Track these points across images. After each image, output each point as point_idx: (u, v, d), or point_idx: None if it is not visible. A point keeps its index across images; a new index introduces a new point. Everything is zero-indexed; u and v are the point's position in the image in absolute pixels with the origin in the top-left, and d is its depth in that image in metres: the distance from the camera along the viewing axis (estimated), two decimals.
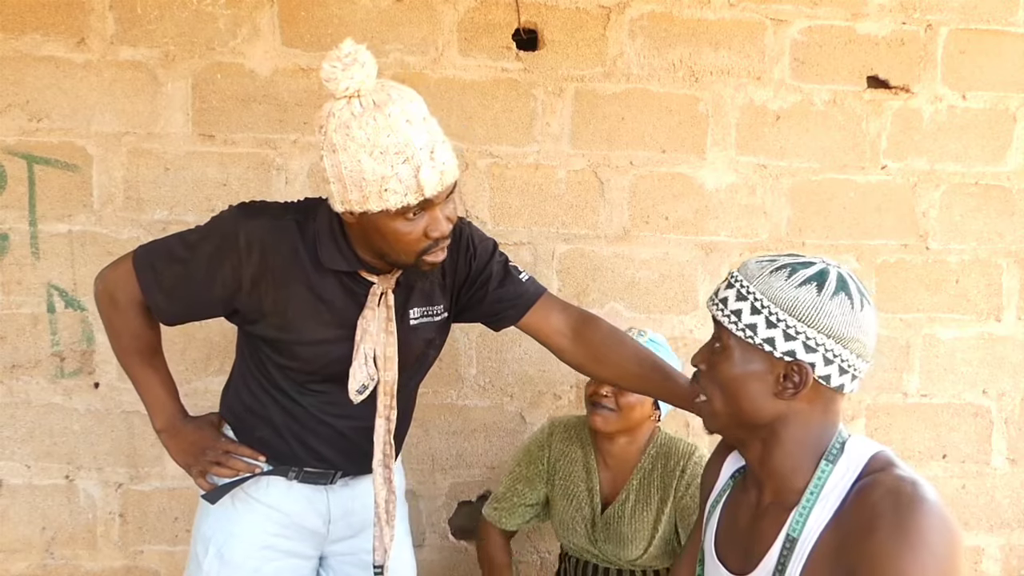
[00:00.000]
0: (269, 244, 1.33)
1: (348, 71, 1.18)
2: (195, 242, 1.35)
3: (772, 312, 1.03)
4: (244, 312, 1.37)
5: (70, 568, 2.12)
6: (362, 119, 1.18)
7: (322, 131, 1.22)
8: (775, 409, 1.06)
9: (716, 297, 1.12)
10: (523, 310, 1.52)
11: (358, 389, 1.37)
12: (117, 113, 2.02)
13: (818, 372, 1.03)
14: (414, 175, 1.19)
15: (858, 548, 0.95)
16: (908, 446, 2.31)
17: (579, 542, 1.81)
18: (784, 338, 1.03)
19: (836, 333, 1.02)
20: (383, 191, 1.19)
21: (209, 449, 1.45)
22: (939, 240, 2.28)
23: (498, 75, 2.12)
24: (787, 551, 1.03)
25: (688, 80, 2.17)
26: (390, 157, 1.18)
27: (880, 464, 1.03)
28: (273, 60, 2.05)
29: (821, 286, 1.03)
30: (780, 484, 1.09)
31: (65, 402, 2.08)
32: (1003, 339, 2.33)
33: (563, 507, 1.83)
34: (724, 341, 1.09)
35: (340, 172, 1.20)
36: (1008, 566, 2.39)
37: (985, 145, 2.27)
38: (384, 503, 1.42)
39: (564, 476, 1.84)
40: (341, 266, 1.34)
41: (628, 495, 1.78)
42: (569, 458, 1.84)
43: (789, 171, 2.22)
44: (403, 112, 1.20)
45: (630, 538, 1.76)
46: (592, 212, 2.18)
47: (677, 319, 2.24)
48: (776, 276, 1.05)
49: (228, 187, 2.06)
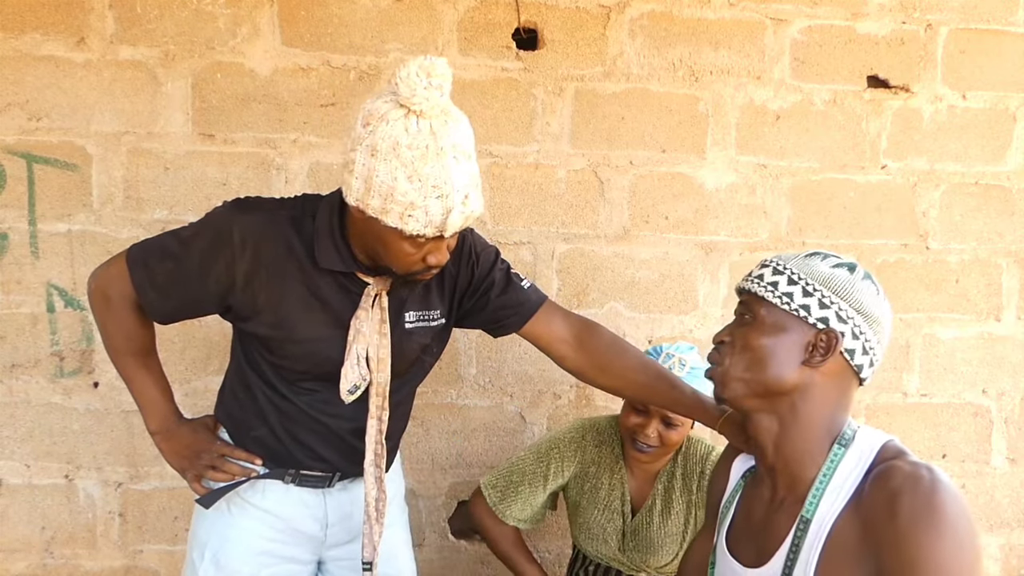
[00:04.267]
0: (263, 239, 1.31)
1: (430, 92, 1.13)
2: (188, 238, 1.34)
3: (809, 283, 1.10)
4: (237, 309, 1.36)
5: (70, 568, 2.12)
6: (415, 140, 1.14)
7: (367, 128, 1.17)
8: (798, 378, 1.09)
9: (750, 276, 1.17)
10: (525, 318, 1.51)
11: (349, 389, 1.36)
12: (117, 112, 2.02)
13: (846, 344, 1.09)
14: (443, 214, 1.17)
15: (882, 532, 0.97)
16: (908, 446, 2.23)
17: (607, 551, 1.78)
18: (819, 306, 1.09)
19: (865, 311, 1.09)
20: (406, 215, 1.17)
21: (204, 452, 1.44)
22: (939, 240, 2.28)
23: (498, 74, 2.11)
24: (800, 532, 1.05)
25: (688, 80, 2.17)
26: (427, 188, 1.15)
27: (892, 453, 1.06)
28: (273, 60, 2.05)
29: (852, 270, 1.13)
30: (793, 472, 1.11)
31: (65, 402, 2.08)
32: (1003, 339, 2.33)
33: (593, 515, 1.78)
34: (756, 313, 1.13)
35: (371, 176, 1.17)
36: (1008, 566, 2.39)
37: (985, 145, 2.27)
38: (375, 501, 1.41)
39: (596, 485, 1.79)
40: (337, 266, 1.33)
41: (655, 501, 1.75)
42: (602, 466, 1.79)
43: (789, 171, 2.22)
44: (454, 148, 1.17)
45: (659, 545, 1.73)
46: (592, 212, 2.17)
47: (677, 319, 2.23)
48: (811, 259, 1.14)
49: (228, 187, 2.06)
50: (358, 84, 2.07)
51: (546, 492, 1.80)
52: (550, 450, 1.80)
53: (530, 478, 1.79)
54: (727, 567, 1.17)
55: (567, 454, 1.79)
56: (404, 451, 2.18)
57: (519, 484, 1.79)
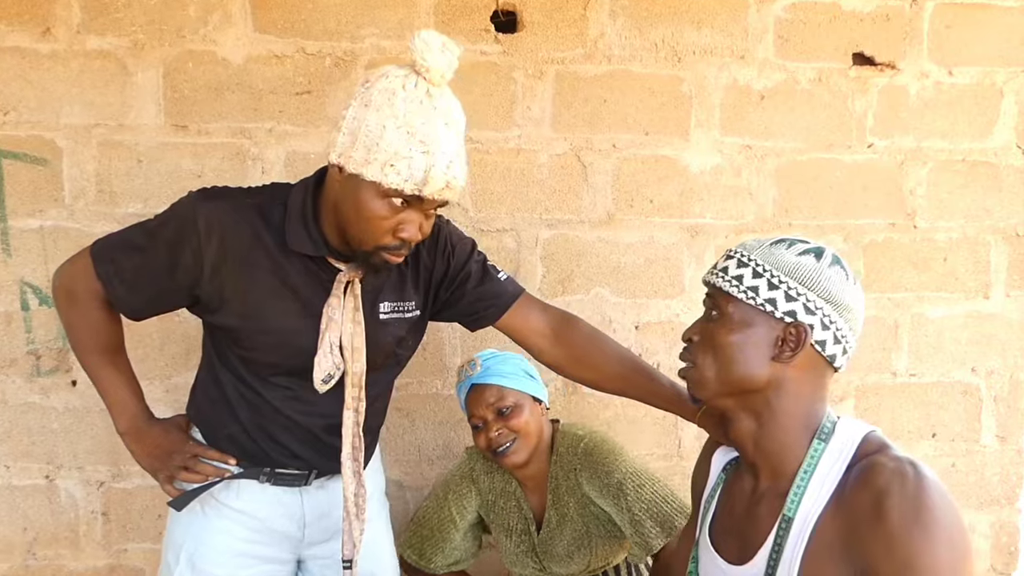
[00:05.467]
0: (229, 227, 1.28)
1: (442, 58, 1.18)
2: (153, 229, 1.32)
3: (774, 275, 1.07)
4: (205, 300, 1.33)
5: (53, 568, 2.09)
6: (411, 95, 1.18)
7: (366, 85, 1.21)
8: (769, 374, 1.07)
9: (715, 269, 1.14)
10: (502, 310, 1.49)
11: (323, 379, 1.33)
12: (86, 105, 1.97)
13: (815, 336, 1.06)
14: (425, 169, 1.17)
15: (869, 534, 0.94)
16: (897, 426, 2.30)
17: (528, 572, 1.79)
18: (786, 299, 1.06)
19: (834, 299, 1.06)
20: (388, 164, 1.17)
21: (176, 453, 1.41)
22: (926, 218, 2.26)
23: (477, 58, 2.07)
24: (783, 531, 1.03)
25: (670, 60, 2.13)
26: (414, 141, 1.17)
27: (874, 446, 1.03)
28: (246, 47, 2.00)
29: (819, 256, 1.09)
30: (774, 465, 1.09)
31: (43, 401, 2.04)
32: (991, 316, 2.31)
33: (506, 542, 1.79)
34: (722, 309, 1.10)
35: (357, 127, 1.18)
36: (998, 543, 2.39)
37: (972, 121, 2.24)
38: (353, 496, 1.38)
39: (498, 510, 1.79)
40: (307, 249, 1.30)
41: (550, 514, 1.74)
42: (497, 492, 1.80)
43: (774, 151, 2.19)
44: (447, 115, 1.20)
45: (567, 555, 1.72)
46: (575, 197, 2.14)
47: (663, 303, 2.21)
48: (776, 247, 1.09)
49: (203, 179, 2.02)
50: (334, 71, 2.03)
51: (460, 532, 1.80)
52: (446, 493, 1.82)
53: (437, 526, 1.80)
54: (710, 562, 1.15)
55: (462, 491, 1.80)
56: (389, 442, 2.15)
57: (430, 536, 1.80)
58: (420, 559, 1.80)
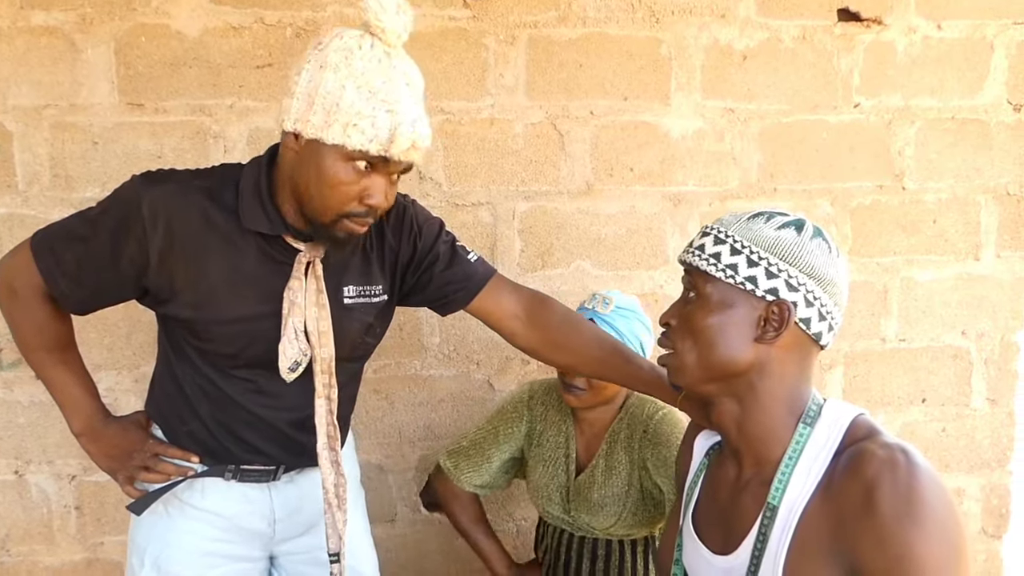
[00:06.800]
0: (176, 212, 1.20)
1: (398, 19, 1.13)
2: (95, 217, 1.23)
3: (753, 251, 1.01)
4: (154, 291, 1.25)
5: (28, 564, 2.04)
6: (369, 54, 1.12)
7: (319, 47, 1.15)
8: (753, 356, 1.01)
9: (691, 247, 1.07)
10: (472, 293, 1.42)
11: (290, 367, 1.26)
12: (34, 84, 1.87)
13: (799, 314, 1.00)
14: (390, 128, 1.12)
15: (860, 527, 0.89)
16: (887, 392, 2.25)
17: (554, 510, 1.76)
18: (767, 276, 1.00)
19: (817, 274, 1.01)
20: (351, 125, 1.11)
21: (136, 452, 1.34)
22: (915, 179, 2.20)
23: (446, 24, 1.98)
24: (768, 520, 0.98)
25: (648, 21, 2.04)
26: (376, 101, 1.11)
27: (863, 431, 0.98)
28: (201, 19, 1.90)
29: (800, 229, 1.03)
30: (758, 451, 1.04)
31: (7, 395, 1.97)
32: (982, 278, 2.26)
33: (540, 473, 1.77)
34: (700, 290, 1.04)
35: (314, 89, 1.12)
36: (988, 505, 2.37)
37: (961, 77, 2.17)
38: (333, 487, 1.32)
39: (543, 441, 1.77)
40: (263, 227, 1.22)
41: (599, 461, 1.72)
42: (548, 422, 1.77)
43: (758, 114, 2.11)
44: (407, 75, 1.15)
45: (600, 505, 1.70)
46: (553, 167, 2.06)
47: (647, 274, 2.15)
48: (754, 221, 1.04)
49: (163, 159, 1.93)
50: (295, 42, 1.93)
51: (500, 454, 1.78)
52: (499, 413, 1.80)
53: (481, 443, 1.78)
54: (694, 551, 1.11)
55: (514, 415, 1.78)
56: (369, 426, 2.10)
57: (471, 450, 1.78)
58: (454, 469, 1.79)
